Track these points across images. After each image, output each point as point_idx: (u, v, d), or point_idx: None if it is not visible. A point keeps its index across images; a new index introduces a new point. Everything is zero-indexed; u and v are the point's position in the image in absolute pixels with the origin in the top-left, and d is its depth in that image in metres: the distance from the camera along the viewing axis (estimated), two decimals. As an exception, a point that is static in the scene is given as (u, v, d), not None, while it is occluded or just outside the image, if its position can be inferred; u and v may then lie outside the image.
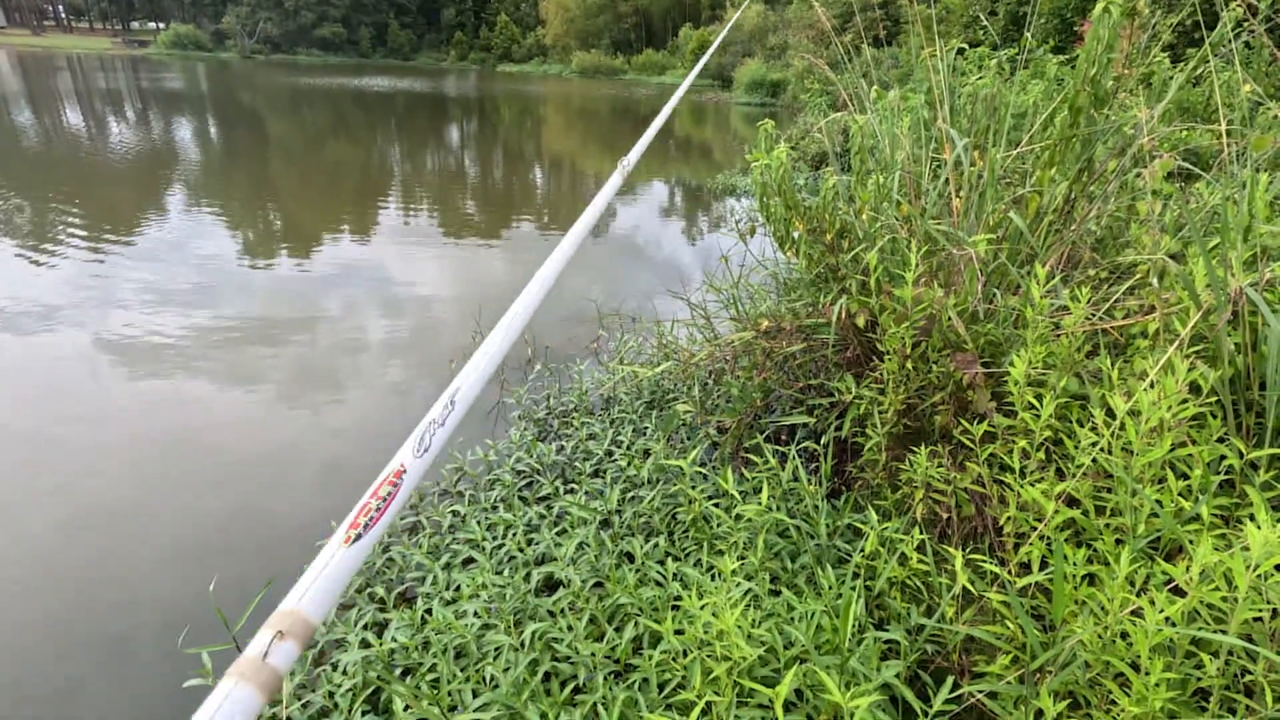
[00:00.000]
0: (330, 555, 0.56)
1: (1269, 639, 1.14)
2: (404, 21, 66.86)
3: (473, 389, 0.80)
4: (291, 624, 0.51)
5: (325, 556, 0.56)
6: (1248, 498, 1.39)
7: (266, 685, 0.47)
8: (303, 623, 0.52)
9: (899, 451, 2.15)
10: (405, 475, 0.65)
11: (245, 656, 0.48)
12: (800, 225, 2.64)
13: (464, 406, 0.77)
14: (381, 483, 0.62)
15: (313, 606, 0.53)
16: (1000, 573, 1.47)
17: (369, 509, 0.60)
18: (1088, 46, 2.00)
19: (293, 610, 0.52)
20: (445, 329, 5.19)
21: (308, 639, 0.52)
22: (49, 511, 2.99)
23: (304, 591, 0.54)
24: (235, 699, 0.45)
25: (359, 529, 0.58)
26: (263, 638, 0.49)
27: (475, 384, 0.81)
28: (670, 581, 1.90)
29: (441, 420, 0.72)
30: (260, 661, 0.48)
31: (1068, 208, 2.32)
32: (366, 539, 0.58)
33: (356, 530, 0.58)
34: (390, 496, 0.62)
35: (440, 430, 0.72)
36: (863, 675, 1.42)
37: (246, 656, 0.48)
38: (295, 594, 0.53)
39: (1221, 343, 1.52)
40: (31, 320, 4.94)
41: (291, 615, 0.52)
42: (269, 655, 0.48)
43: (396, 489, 0.63)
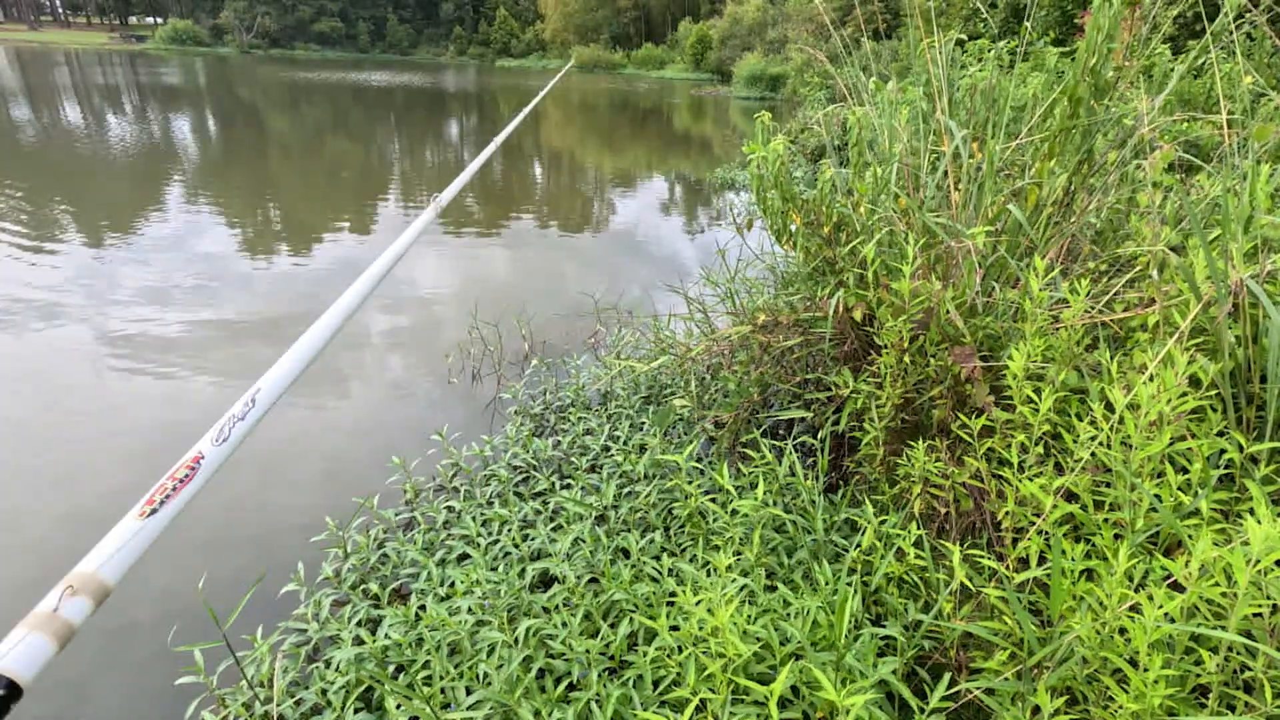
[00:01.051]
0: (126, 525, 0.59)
1: (1269, 635, 1.12)
2: (402, 16, 66.64)
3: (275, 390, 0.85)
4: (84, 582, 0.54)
5: (121, 527, 0.59)
6: (1248, 492, 1.37)
7: (59, 634, 0.49)
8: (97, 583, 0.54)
9: (896, 446, 2.13)
10: (203, 461, 0.68)
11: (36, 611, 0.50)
12: (797, 218, 2.62)
13: (264, 406, 0.81)
14: (180, 465, 0.66)
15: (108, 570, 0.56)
16: (998, 568, 1.45)
17: (165, 488, 0.64)
18: (1088, 37, 1.98)
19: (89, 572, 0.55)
20: (443, 324, 5.17)
21: (102, 598, 0.54)
22: (45, 507, 2.97)
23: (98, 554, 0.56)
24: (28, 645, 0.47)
25: (154, 505, 0.62)
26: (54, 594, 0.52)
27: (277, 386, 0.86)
28: (666, 577, 1.89)
29: (242, 415, 0.76)
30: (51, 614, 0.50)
31: (1067, 200, 2.30)
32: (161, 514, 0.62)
33: (152, 506, 0.61)
34: (186, 479, 0.66)
35: (240, 424, 0.75)
36: (859, 672, 1.41)
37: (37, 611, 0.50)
38: (92, 558, 0.56)
39: (1222, 335, 1.51)
40: (28, 316, 4.92)
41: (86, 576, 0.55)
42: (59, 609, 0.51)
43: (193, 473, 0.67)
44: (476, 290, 5.76)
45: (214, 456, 0.70)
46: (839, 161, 3.31)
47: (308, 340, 0.98)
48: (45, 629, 0.49)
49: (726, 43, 40.24)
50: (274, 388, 0.84)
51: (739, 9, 40.74)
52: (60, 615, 0.50)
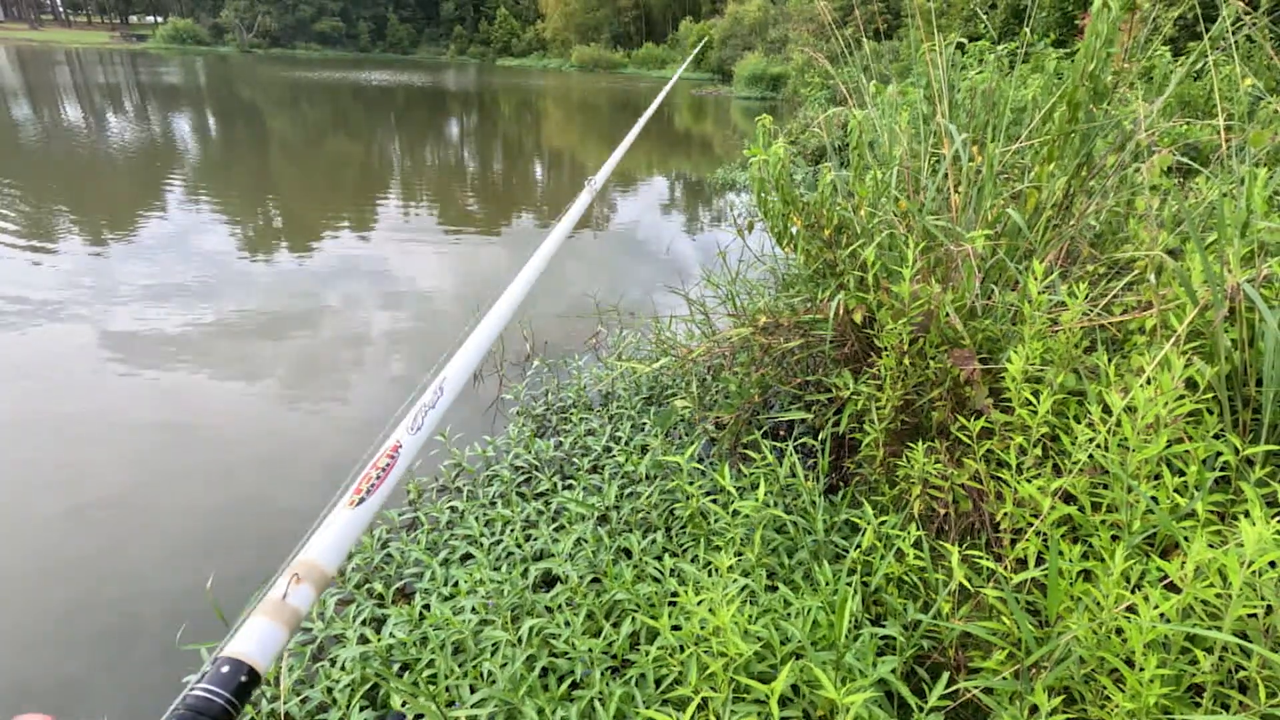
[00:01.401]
0: (338, 515, 0.61)
1: (1263, 635, 1.14)
2: (403, 15, 66.64)
3: (460, 376, 0.87)
4: (308, 570, 0.55)
5: (334, 516, 0.61)
6: (1243, 494, 1.39)
7: (288, 622, 0.51)
8: (318, 570, 0.56)
9: (896, 447, 2.15)
10: (401, 450, 0.71)
11: (269, 598, 0.51)
12: (798, 220, 2.63)
13: (452, 393, 0.83)
14: (380, 455, 0.69)
15: (325, 556, 0.57)
16: (996, 569, 1.47)
17: (370, 477, 0.66)
18: (1087, 42, 1.99)
19: (308, 560, 0.56)
20: (444, 322, 5.19)
21: (324, 586, 0.55)
22: (48, 505, 2.99)
23: (317, 544, 0.58)
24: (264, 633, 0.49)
25: (362, 494, 0.64)
26: (282, 582, 0.53)
27: (462, 372, 0.88)
28: (667, 577, 1.90)
29: (433, 403, 0.79)
30: (281, 601, 0.52)
31: (1066, 203, 2.31)
32: (370, 502, 0.64)
33: (360, 495, 0.64)
34: (389, 467, 0.68)
35: (432, 412, 0.78)
36: (858, 671, 1.43)
37: (270, 598, 0.51)
38: (312, 546, 0.57)
39: (1218, 339, 1.52)
40: (31, 313, 4.93)
41: (307, 564, 0.56)
42: (288, 596, 0.52)
43: (394, 461, 0.69)
44: (477, 290, 5.78)
45: (410, 444, 0.73)
46: (839, 163, 3.32)
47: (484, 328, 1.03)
48: (277, 616, 0.51)
49: (727, 42, 40.23)
50: (459, 375, 0.87)
51: (740, 8, 40.74)
52: (289, 603, 0.52)
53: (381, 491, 0.65)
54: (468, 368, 0.91)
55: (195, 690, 0.43)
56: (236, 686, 0.45)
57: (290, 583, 0.53)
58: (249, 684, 0.46)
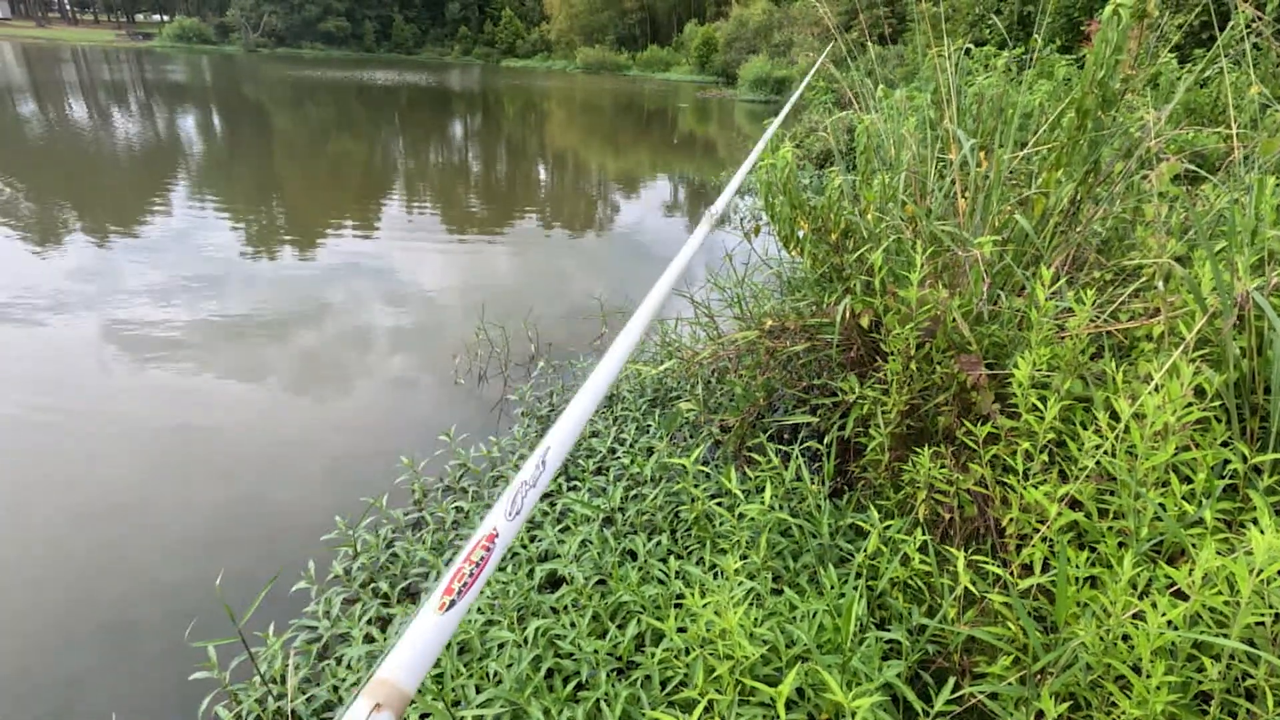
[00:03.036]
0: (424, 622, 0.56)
1: (1271, 643, 1.14)
2: (408, 16, 66.78)
3: (562, 449, 0.80)
4: (388, 695, 0.52)
5: (420, 624, 0.56)
6: (1251, 502, 1.39)
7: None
8: (399, 694, 0.53)
9: (902, 452, 2.15)
10: (498, 540, 0.64)
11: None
12: (805, 224, 2.64)
13: (554, 467, 0.76)
14: (474, 547, 0.62)
15: (407, 676, 0.54)
16: (1002, 574, 1.47)
17: (462, 574, 0.60)
18: (1096, 50, 2.00)
19: (389, 680, 0.53)
20: (449, 325, 5.20)
21: (403, 709, 0.53)
22: (57, 503, 3.00)
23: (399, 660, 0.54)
24: None
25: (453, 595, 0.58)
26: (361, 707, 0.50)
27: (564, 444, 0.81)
28: (673, 580, 1.91)
29: (533, 481, 0.72)
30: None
31: (1074, 209, 2.32)
32: (460, 605, 0.58)
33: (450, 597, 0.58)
34: (484, 561, 0.62)
35: (532, 491, 0.72)
36: (864, 675, 1.43)
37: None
38: (391, 662, 0.54)
39: (1227, 347, 1.52)
40: (37, 311, 4.95)
41: (388, 685, 0.53)
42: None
43: (489, 553, 0.63)
44: (482, 291, 5.79)
45: (507, 531, 0.66)
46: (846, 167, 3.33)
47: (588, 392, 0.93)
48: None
49: (732, 45, 40.28)
50: (561, 446, 0.79)
51: (744, 11, 40.79)
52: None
53: (474, 590, 0.59)
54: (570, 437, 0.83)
55: None
56: None
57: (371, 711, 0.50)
58: None
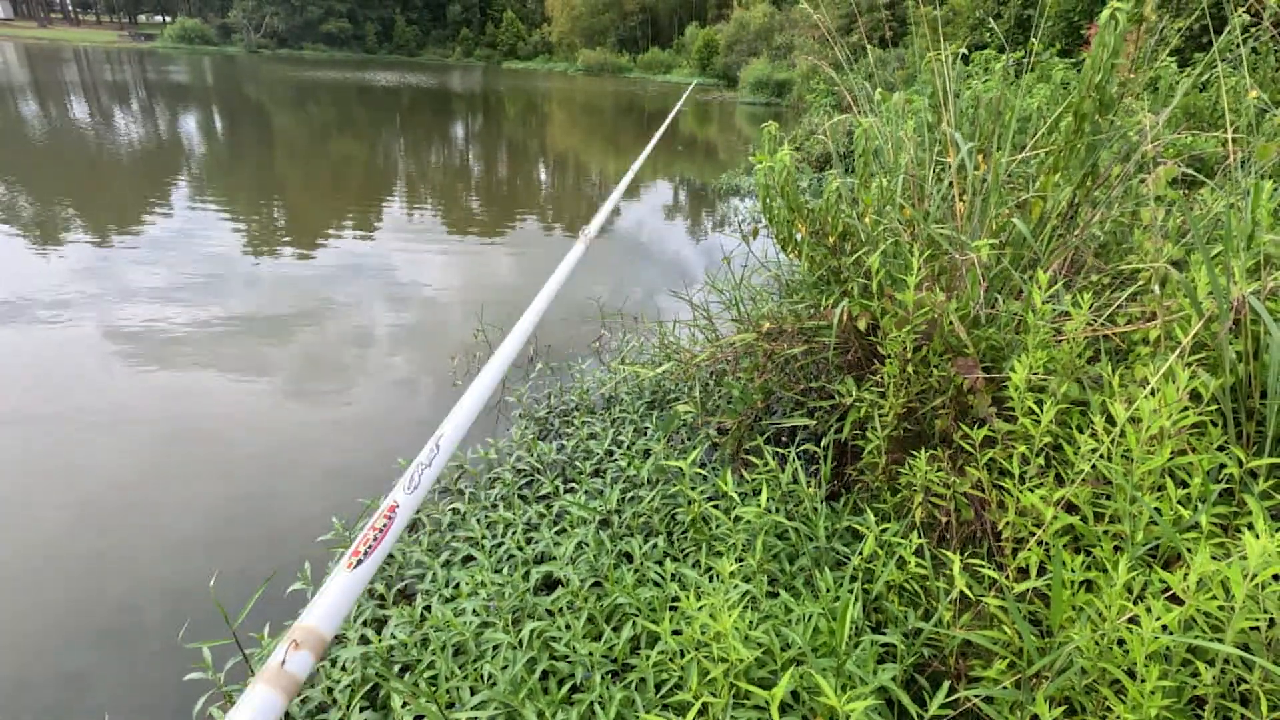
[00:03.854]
0: (337, 578, 0.62)
1: (1265, 648, 1.14)
2: (410, 17, 66.90)
3: (456, 434, 0.88)
4: (305, 636, 0.56)
5: (332, 579, 0.62)
6: (1247, 507, 1.38)
7: (286, 689, 0.52)
8: (316, 635, 0.57)
9: (899, 455, 2.15)
10: (398, 510, 0.72)
11: (268, 665, 0.52)
12: (803, 227, 2.64)
13: (448, 450, 0.84)
14: (378, 516, 0.69)
15: (324, 622, 0.59)
16: (998, 578, 1.47)
17: (368, 538, 0.67)
18: (1094, 54, 2.00)
19: (307, 625, 0.58)
20: (447, 326, 5.20)
21: (321, 651, 0.57)
22: (53, 500, 3.00)
23: (315, 609, 0.59)
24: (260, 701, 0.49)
25: (360, 555, 0.65)
26: (280, 648, 0.54)
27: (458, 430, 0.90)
28: (668, 582, 1.91)
29: (429, 462, 0.81)
30: (279, 669, 0.53)
31: (1071, 213, 2.32)
32: (368, 564, 0.65)
33: (358, 557, 0.65)
34: (385, 528, 0.69)
35: (428, 470, 0.79)
36: (859, 678, 1.43)
37: (269, 665, 0.52)
38: (308, 611, 0.58)
39: (1223, 351, 1.52)
40: (38, 310, 4.95)
41: (305, 629, 0.57)
42: (286, 663, 0.53)
43: (391, 521, 0.70)
44: (482, 293, 5.79)
45: (407, 504, 0.74)
46: (845, 170, 3.33)
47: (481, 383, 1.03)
48: (275, 684, 0.52)
49: (733, 48, 40.36)
50: (455, 432, 0.88)
51: (745, 14, 40.87)
52: (286, 670, 0.53)
53: (379, 552, 0.67)
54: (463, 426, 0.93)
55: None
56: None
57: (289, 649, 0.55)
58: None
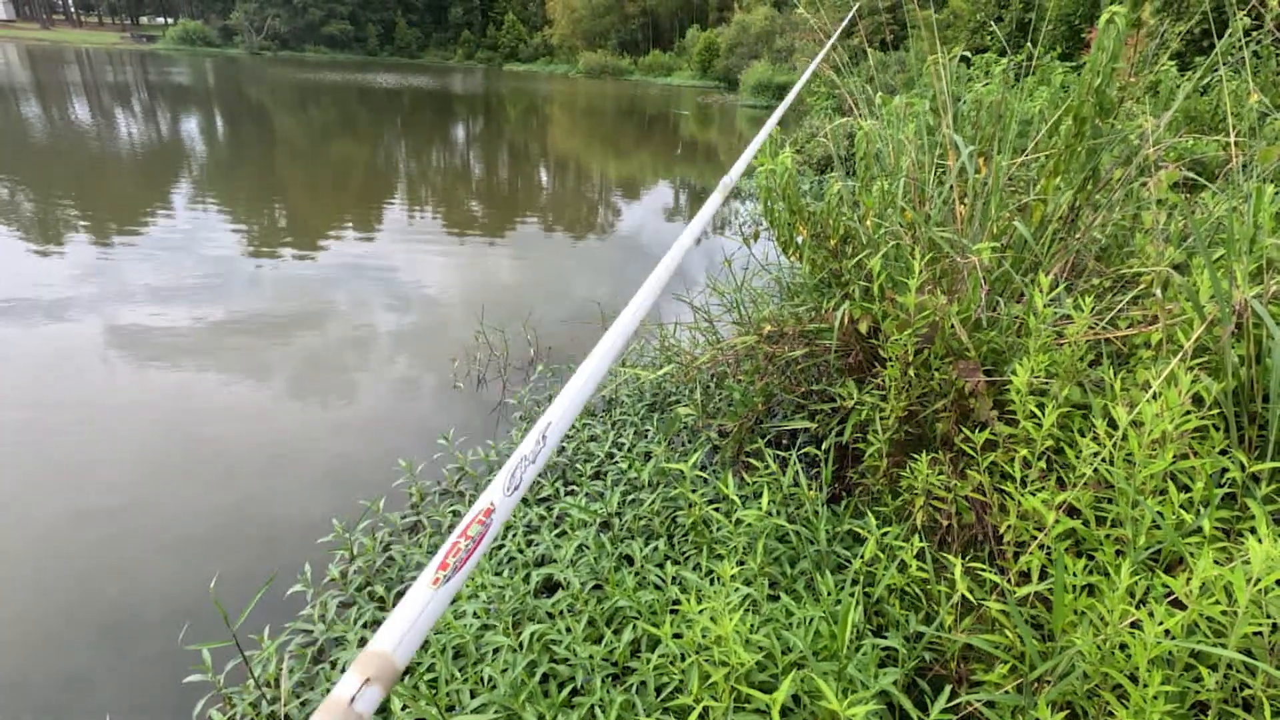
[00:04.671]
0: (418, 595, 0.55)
1: (1269, 653, 1.13)
2: (411, 19, 67.01)
3: (564, 423, 0.79)
4: (379, 669, 0.51)
5: (413, 598, 0.55)
6: (1250, 511, 1.38)
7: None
8: (390, 667, 0.51)
9: (900, 458, 2.14)
10: (494, 514, 0.63)
11: (334, 698, 0.48)
12: (804, 230, 2.64)
13: (555, 441, 0.75)
14: (470, 521, 0.61)
15: (401, 650, 0.53)
16: (1000, 581, 1.47)
17: (458, 549, 0.59)
18: (1092, 58, 2.00)
19: (382, 653, 0.52)
20: (449, 328, 5.20)
21: (392, 684, 0.52)
22: (54, 502, 3.00)
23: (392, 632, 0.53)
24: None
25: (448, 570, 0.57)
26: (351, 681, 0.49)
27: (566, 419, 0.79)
28: (669, 585, 1.90)
29: (533, 457, 0.71)
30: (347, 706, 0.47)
31: (1073, 216, 2.32)
32: (455, 580, 0.57)
33: (445, 571, 0.57)
34: (480, 536, 0.60)
35: (531, 467, 0.70)
36: (860, 682, 1.42)
37: (335, 698, 0.47)
38: (384, 636, 0.53)
39: (1225, 355, 1.52)
40: (38, 311, 4.96)
41: (380, 658, 0.51)
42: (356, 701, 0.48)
43: (486, 528, 0.62)
44: (482, 294, 5.79)
45: (505, 506, 0.65)
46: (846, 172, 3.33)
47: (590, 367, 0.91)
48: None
49: (734, 50, 40.41)
50: (562, 422, 0.78)
51: (746, 17, 40.92)
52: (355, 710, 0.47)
53: (471, 563, 0.58)
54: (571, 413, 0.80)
55: None
56: None
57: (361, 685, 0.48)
58: None
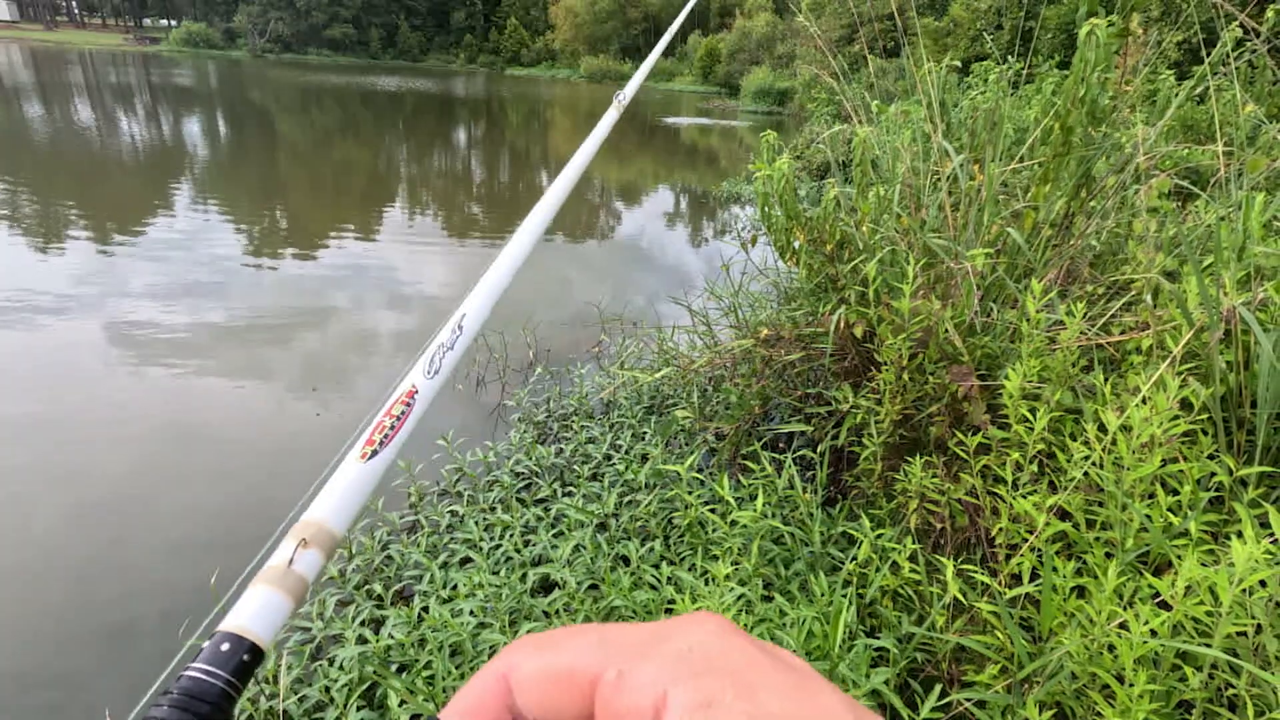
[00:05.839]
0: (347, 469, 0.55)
1: (1252, 653, 1.15)
2: (414, 23, 67.22)
3: (479, 314, 0.79)
4: (315, 533, 0.49)
5: (343, 471, 0.55)
6: (1236, 514, 1.40)
7: (294, 591, 0.45)
8: (326, 533, 0.50)
9: (894, 461, 2.16)
10: (417, 395, 0.64)
11: (270, 564, 0.45)
12: (801, 235, 2.66)
13: (471, 333, 0.75)
14: (394, 402, 0.62)
15: (335, 517, 0.51)
16: (991, 583, 1.48)
17: (383, 426, 0.59)
18: (1074, 68, 2.03)
19: (315, 520, 0.50)
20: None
21: (332, 549, 0.50)
22: (54, 501, 3.01)
23: (323, 503, 0.52)
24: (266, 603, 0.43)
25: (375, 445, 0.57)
26: (287, 546, 0.47)
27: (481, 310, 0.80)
28: (665, 585, 1.92)
29: (450, 344, 0.71)
30: (286, 568, 0.46)
31: (1066, 223, 2.34)
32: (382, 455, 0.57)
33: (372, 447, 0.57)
34: (404, 415, 0.61)
35: (450, 354, 0.71)
36: (852, 681, 1.44)
37: (271, 564, 0.45)
38: (316, 506, 0.52)
39: (1213, 361, 1.54)
40: (38, 311, 4.97)
41: (314, 525, 0.50)
42: (294, 563, 0.46)
43: (410, 409, 0.62)
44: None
45: (427, 389, 0.66)
46: (844, 179, 3.36)
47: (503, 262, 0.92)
48: (281, 585, 0.44)
49: (735, 56, 40.55)
50: (478, 312, 0.78)
51: (748, 23, 41.08)
52: (294, 570, 0.46)
53: (396, 442, 0.59)
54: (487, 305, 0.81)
55: (190, 671, 0.36)
56: (237, 665, 0.38)
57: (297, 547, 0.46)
58: (251, 662, 0.39)
